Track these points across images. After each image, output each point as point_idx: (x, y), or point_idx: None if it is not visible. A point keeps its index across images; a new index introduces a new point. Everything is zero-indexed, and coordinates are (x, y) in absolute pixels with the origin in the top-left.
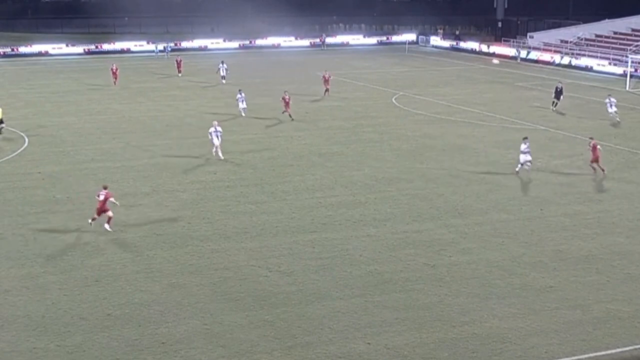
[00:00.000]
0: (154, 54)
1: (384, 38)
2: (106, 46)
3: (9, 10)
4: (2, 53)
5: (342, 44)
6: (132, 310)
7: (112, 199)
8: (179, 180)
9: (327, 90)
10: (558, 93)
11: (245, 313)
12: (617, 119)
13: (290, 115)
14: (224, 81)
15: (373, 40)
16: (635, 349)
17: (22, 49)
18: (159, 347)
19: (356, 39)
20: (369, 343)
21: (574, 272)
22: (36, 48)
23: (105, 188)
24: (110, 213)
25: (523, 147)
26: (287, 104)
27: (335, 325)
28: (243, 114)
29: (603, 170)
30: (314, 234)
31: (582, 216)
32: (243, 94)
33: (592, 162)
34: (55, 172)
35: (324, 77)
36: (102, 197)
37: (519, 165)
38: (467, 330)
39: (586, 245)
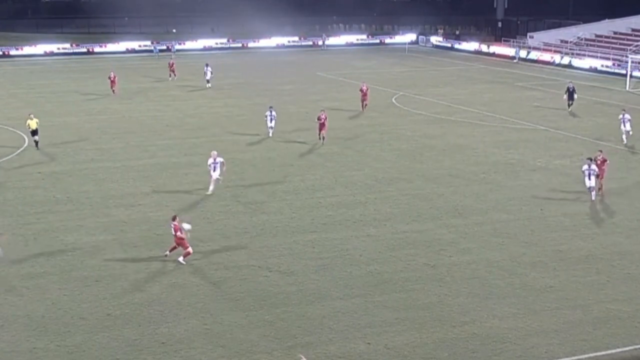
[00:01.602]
0: (153, 54)
1: (384, 38)
2: (110, 46)
3: (9, 10)
4: (2, 53)
5: (342, 44)
6: (132, 310)
7: (179, 233)
8: (179, 181)
9: (365, 104)
10: (571, 93)
11: (245, 313)
12: (627, 141)
13: (323, 138)
14: (209, 85)
15: (373, 40)
16: (636, 349)
17: (24, 50)
18: (159, 347)
19: (356, 39)
20: (369, 343)
21: (574, 272)
22: (41, 48)
23: (173, 219)
24: (190, 249)
25: (585, 167)
26: (322, 124)
27: (335, 325)
28: (270, 134)
29: (601, 189)
30: (314, 234)
31: (582, 216)
32: (274, 112)
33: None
34: (55, 172)
35: (361, 89)
36: (172, 230)
37: (592, 194)
38: (467, 330)
39: (586, 245)
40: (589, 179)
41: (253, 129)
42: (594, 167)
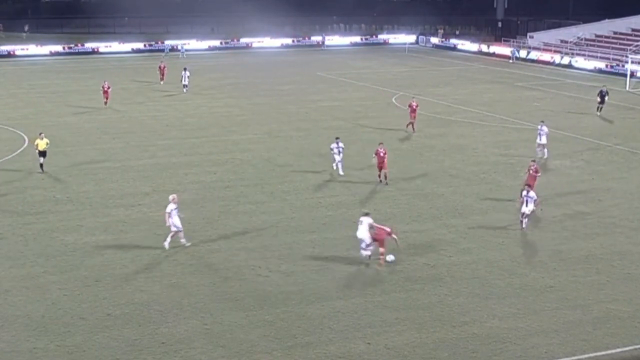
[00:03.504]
0: (164, 53)
1: (384, 38)
2: (115, 46)
3: (9, 10)
4: (7, 53)
5: (342, 44)
6: (132, 310)
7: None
8: (179, 180)
9: (411, 123)
10: (603, 97)
11: (245, 313)
12: (541, 155)
13: (385, 177)
14: (185, 90)
15: (373, 40)
16: (636, 349)
17: (30, 49)
18: (159, 347)
19: (359, 39)
20: (369, 343)
21: (574, 272)
22: (46, 49)
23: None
24: (392, 239)
25: (524, 193)
26: (382, 161)
27: (335, 325)
28: (340, 172)
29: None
30: (314, 234)
31: (582, 216)
32: (341, 144)
33: (526, 184)
34: (55, 172)
35: (410, 105)
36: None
37: (524, 221)
38: (467, 330)
39: (586, 245)
40: (526, 205)
41: (253, 129)
42: (532, 193)
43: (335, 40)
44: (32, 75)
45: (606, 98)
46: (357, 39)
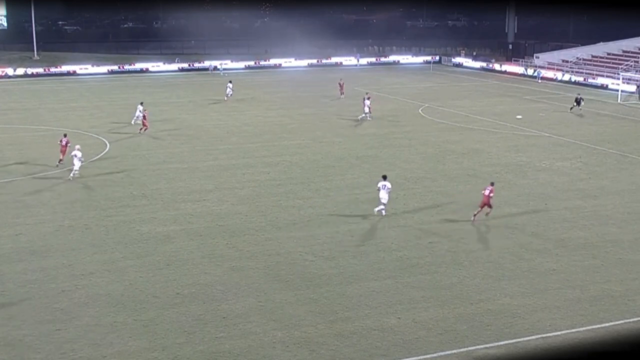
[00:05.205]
0: (220, 72)
1: (411, 58)
2: (168, 65)
3: (94, 33)
4: (108, 70)
5: (375, 62)
6: (197, 290)
7: (492, 195)
8: (238, 179)
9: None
10: (578, 101)
11: (294, 292)
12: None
13: (487, 214)
14: (226, 98)
15: (402, 59)
16: (626, 322)
17: (125, 68)
18: (221, 321)
19: (392, 59)
20: (399, 317)
21: (574, 257)
22: (138, 66)
23: (492, 184)
24: (487, 209)
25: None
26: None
27: (371, 303)
28: (364, 116)
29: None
30: (352, 225)
31: (581, 210)
32: (368, 102)
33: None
34: (132, 172)
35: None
36: (487, 192)
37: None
38: (483, 307)
39: (584, 235)
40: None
41: (300, 136)
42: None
43: (369, 59)
44: (112, 89)
45: (582, 103)
46: (390, 58)
